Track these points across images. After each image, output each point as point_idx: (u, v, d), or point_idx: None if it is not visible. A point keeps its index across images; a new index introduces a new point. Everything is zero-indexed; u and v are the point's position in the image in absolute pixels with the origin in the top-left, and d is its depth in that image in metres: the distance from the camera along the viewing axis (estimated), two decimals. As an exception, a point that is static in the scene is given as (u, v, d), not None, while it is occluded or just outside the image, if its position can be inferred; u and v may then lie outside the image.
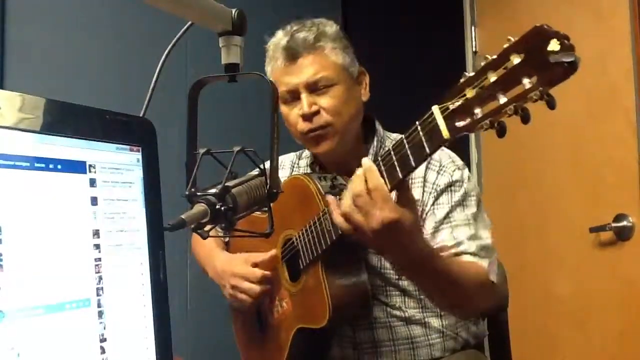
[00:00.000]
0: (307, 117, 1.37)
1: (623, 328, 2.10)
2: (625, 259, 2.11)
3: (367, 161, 1.08)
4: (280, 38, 1.40)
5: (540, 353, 2.38)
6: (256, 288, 1.40)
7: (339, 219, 1.11)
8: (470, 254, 1.29)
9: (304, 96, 1.36)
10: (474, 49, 2.75)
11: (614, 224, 2.11)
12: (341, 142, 1.39)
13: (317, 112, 1.36)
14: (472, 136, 2.74)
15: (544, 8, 2.41)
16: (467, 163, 1.49)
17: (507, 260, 1.55)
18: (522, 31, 0.87)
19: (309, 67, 1.36)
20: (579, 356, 2.25)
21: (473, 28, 2.77)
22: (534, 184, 2.47)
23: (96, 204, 0.74)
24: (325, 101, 1.36)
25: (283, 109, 1.42)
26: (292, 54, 1.37)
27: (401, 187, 1.07)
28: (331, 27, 1.42)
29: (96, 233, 0.73)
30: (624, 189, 2.10)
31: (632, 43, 2.09)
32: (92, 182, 0.74)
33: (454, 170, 1.38)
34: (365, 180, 1.05)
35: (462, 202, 1.35)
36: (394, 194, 1.10)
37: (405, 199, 1.08)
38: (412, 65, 2.72)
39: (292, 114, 1.40)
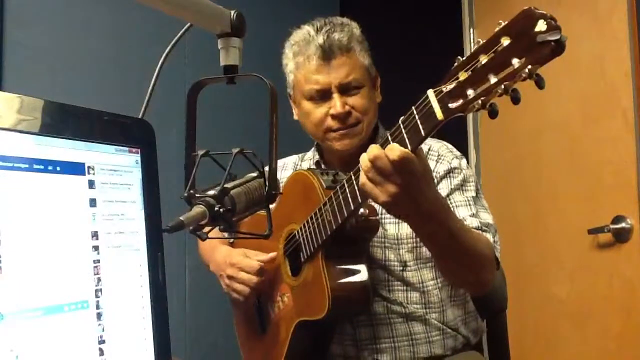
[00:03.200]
0: (339, 117, 1.39)
1: (621, 329, 2.10)
2: (623, 261, 2.11)
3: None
4: (312, 35, 1.40)
5: (538, 354, 2.38)
6: (253, 278, 1.41)
7: (362, 180, 1.08)
8: (474, 228, 1.30)
9: (336, 96, 1.38)
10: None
11: (612, 226, 2.12)
12: (362, 140, 1.42)
13: (349, 113, 1.39)
14: (471, 138, 2.75)
15: (542, 10, 2.41)
16: (466, 165, 1.49)
17: (505, 262, 1.54)
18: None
19: (342, 68, 1.38)
20: (577, 357, 2.25)
21: (472, 30, 2.77)
22: (532, 186, 2.47)
23: (95, 206, 0.74)
24: (355, 101, 1.40)
25: (306, 105, 1.43)
26: (327, 54, 1.38)
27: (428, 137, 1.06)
28: (357, 29, 1.45)
29: (95, 235, 0.73)
30: (623, 191, 2.11)
31: (630, 45, 2.09)
32: (91, 184, 0.74)
33: (452, 159, 1.42)
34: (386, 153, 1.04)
35: (461, 187, 1.38)
36: None
37: (420, 152, 1.07)
38: (411, 67, 2.72)
39: (318, 112, 1.41)
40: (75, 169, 0.73)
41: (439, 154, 1.42)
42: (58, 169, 0.70)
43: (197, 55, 1.89)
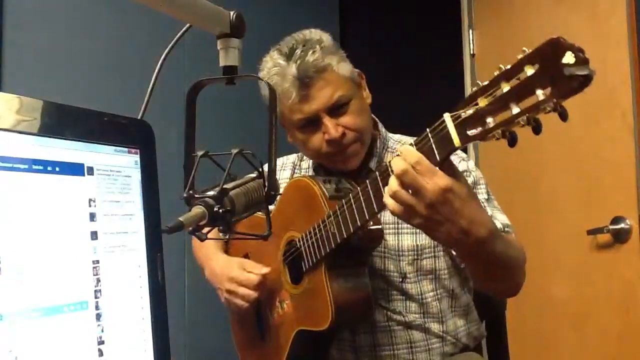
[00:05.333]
0: (335, 141, 1.34)
1: (621, 330, 2.10)
2: (622, 261, 2.11)
3: (401, 146, 1.04)
4: (284, 66, 1.32)
5: (538, 355, 2.38)
6: (252, 294, 1.39)
7: (388, 201, 1.03)
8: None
9: (326, 120, 1.33)
10: (471, 52, 2.76)
11: (611, 227, 2.12)
12: (364, 152, 1.40)
13: (343, 134, 1.34)
14: (470, 139, 2.74)
15: (541, 12, 2.41)
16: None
17: (505, 263, 1.55)
18: (520, 34, 0.88)
19: (323, 90, 1.32)
20: (576, 358, 2.26)
21: (471, 31, 2.77)
22: (531, 187, 2.48)
23: (94, 206, 0.74)
24: (347, 120, 1.34)
25: (299, 135, 1.38)
26: (306, 82, 1.31)
27: (444, 164, 1.01)
28: (327, 39, 1.37)
29: (94, 235, 0.73)
30: (622, 191, 2.11)
31: (629, 46, 2.09)
32: (90, 185, 0.74)
33: (459, 162, 1.39)
34: (405, 159, 0.99)
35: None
36: None
37: (450, 169, 1.01)
38: (410, 68, 2.73)
39: (314, 140, 1.36)
40: (75, 169, 0.73)
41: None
42: (57, 169, 0.70)
43: (197, 56, 1.89)
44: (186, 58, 2.15)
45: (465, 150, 2.72)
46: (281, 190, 1.44)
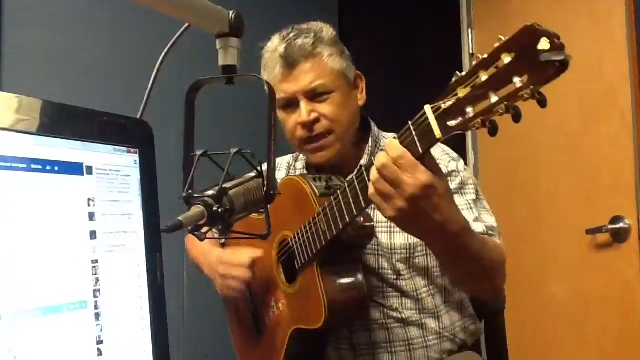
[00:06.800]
0: (306, 125, 1.36)
1: (620, 329, 2.11)
2: (621, 261, 2.12)
3: (388, 140, 1.04)
4: (276, 45, 1.38)
5: (537, 355, 2.38)
6: (243, 272, 1.39)
7: (371, 190, 1.03)
8: (480, 234, 1.25)
9: (302, 104, 1.36)
10: (470, 51, 2.76)
11: (610, 226, 2.12)
12: (340, 150, 1.40)
13: (316, 120, 1.36)
14: (469, 139, 2.75)
15: (540, 10, 2.42)
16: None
17: (503, 262, 1.55)
18: (518, 33, 0.87)
19: (307, 74, 1.35)
20: (575, 358, 2.26)
21: (470, 30, 2.78)
22: (530, 186, 2.48)
23: (93, 206, 0.74)
24: (324, 108, 1.36)
25: (281, 115, 1.41)
26: (289, 62, 1.35)
27: (426, 159, 1.01)
28: (328, 32, 1.41)
29: (93, 235, 0.73)
30: (621, 191, 2.11)
31: (629, 45, 2.09)
32: (89, 184, 0.74)
33: (449, 162, 1.39)
34: (388, 153, 1.00)
35: (459, 190, 1.35)
36: None
37: (432, 164, 1.02)
38: (409, 67, 2.73)
39: (291, 121, 1.39)
40: (74, 169, 0.73)
41: (435, 157, 1.38)
42: (56, 169, 0.70)
43: (196, 55, 1.89)
44: (185, 58, 2.15)
45: (464, 151, 2.73)
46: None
